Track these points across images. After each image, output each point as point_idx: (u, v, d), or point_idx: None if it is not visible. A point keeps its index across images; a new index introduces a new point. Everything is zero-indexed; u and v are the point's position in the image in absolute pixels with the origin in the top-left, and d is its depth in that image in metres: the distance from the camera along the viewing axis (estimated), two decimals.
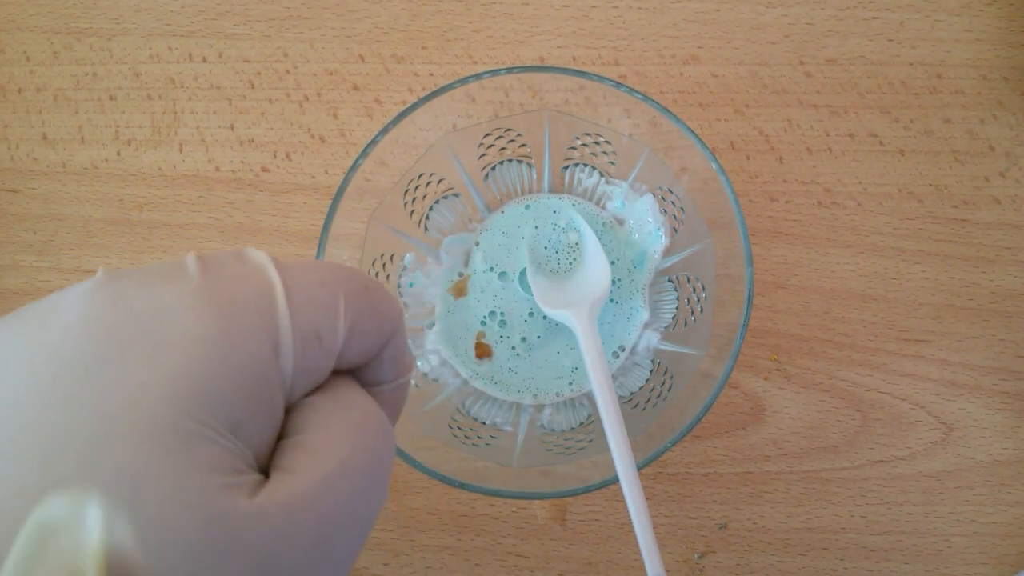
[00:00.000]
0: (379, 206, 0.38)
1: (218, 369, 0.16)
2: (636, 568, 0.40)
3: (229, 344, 0.16)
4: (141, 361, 0.15)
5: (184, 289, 0.16)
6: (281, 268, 0.18)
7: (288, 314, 0.17)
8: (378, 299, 0.19)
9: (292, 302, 0.17)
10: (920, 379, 0.41)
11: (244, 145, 0.45)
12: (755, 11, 0.45)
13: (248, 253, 0.18)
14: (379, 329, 0.19)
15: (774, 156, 0.44)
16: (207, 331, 0.16)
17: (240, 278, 0.17)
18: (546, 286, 0.39)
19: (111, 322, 0.16)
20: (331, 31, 0.46)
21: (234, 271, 0.17)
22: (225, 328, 0.16)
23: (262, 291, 0.17)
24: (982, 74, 0.44)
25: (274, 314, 0.17)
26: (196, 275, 0.17)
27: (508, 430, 0.38)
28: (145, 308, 0.16)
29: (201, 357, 0.16)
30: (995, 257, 0.42)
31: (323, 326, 0.18)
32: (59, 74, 0.46)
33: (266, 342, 0.16)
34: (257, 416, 0.17)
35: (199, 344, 0.16)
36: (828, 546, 0.40)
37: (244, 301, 0.17)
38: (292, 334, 0.17)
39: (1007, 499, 0.40)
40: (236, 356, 0.16)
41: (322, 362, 0.18)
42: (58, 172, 0.45)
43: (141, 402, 0.15)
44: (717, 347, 0.35)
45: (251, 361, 0.16)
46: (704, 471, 0.41)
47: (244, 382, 0.16)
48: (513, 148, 0.41)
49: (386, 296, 0.20)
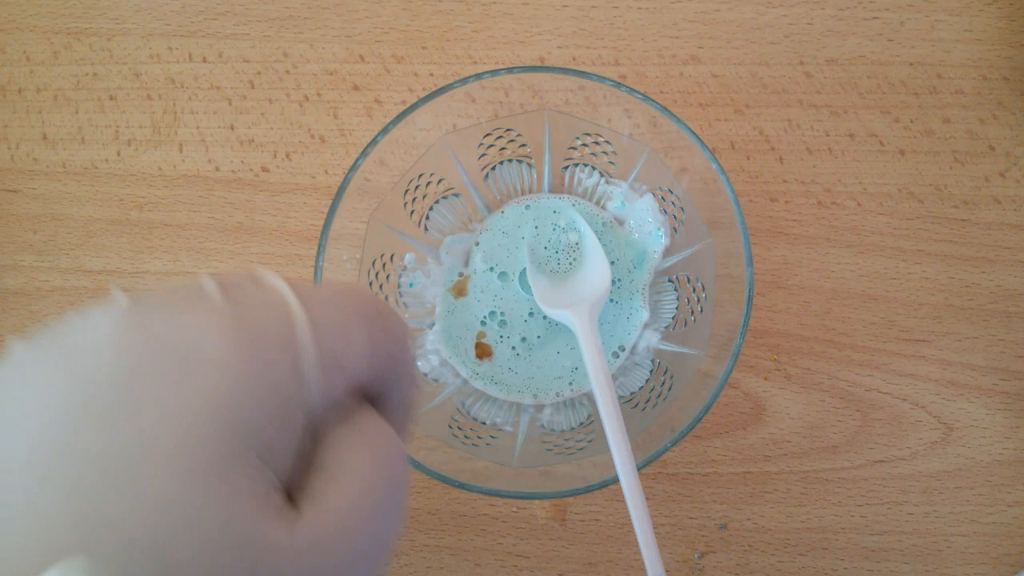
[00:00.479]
0: (379, 206, 0.38)
1: (248, 396, 0.16)
2: (636, 568, 0.40)
3: (257, 372, 0.16)
4: (173, 388, 0.15)
5: (210, 318, 0.16)
6: (300, 294, 0.18)
7: (312, 342, 0.17)
8: (390, 322, 0.20)
9: (312, 326, 0.17)
10: (920, 379, 0.41)
11: (244, 145, 0.45)
12: (755, 11, 0.45)
13: (264, 277, 0.18)
14: (391, 351, 0.20)
15: (774, 156, 0.44)
16: (235, 359, 0.16)
17: (262, 305, 0.17)
18: (546, 286, 0.39)
19: (140, 349, 0.16)
20: (331, 31, 0.46)
21: (255, 298, 0.17)
22: (253, 356, 0.16)
23: (284, 319, 0.17)
24: (982, 74, 0.44)
25: (296, 342, 0.17)
26: (219, 302, 0.17)
27: (508, 430, 0.38)
28: (172, 337, 0.16)
29: (231, 384, 0.16)
30: (995, 257, 0.42)
31: (342, 351, 0.18)
32: (59, 74, 0.46)
33: (291, 368, 0.17)
34: (283, 442, 0.17)
35: (228, 372, 0.16)
36: (828, 546, 0.40)
37: (268, 329, 0.17)
38: (315, 361, 0.17)
39: (1007, 499, 0.40)
40: (264, 383, 0.16)
41: (341, 385, 0.18)
42: (58, 172, 0.45)
43: (177, 427, 0.15)
44: (717, 347, 0.35)
45: (278, 388, 0.16)
46: (704, 471, 0.41)
47: (272, 409, 0.16)
48: (513, 148, 0.41)
49: (396, 318, 0.20)
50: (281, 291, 0.18)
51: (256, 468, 0.16)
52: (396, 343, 0.20)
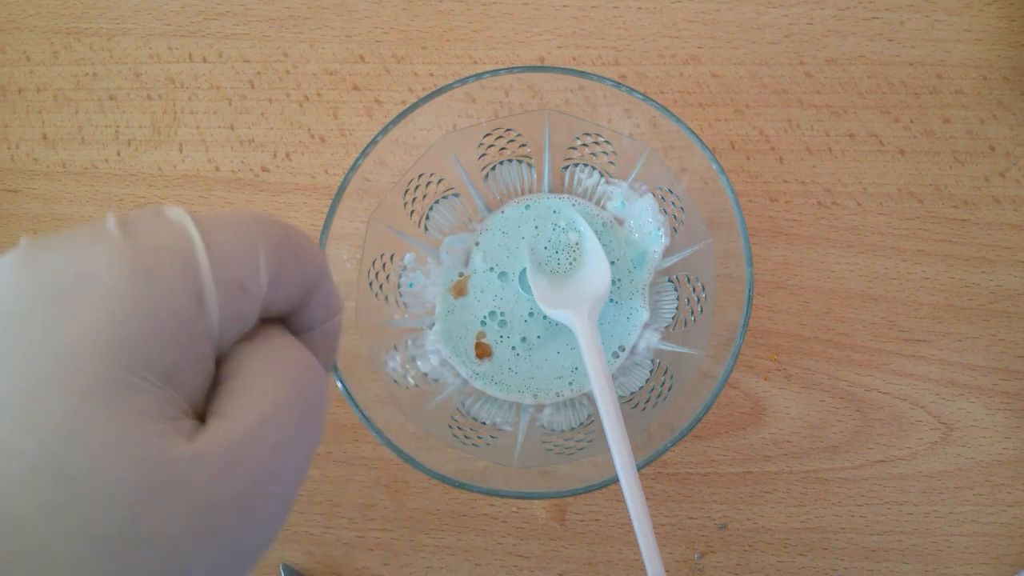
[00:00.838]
0: (379, 206, 0.38)
1: (144, 322, 0.16)
2: (636, 568, 0.40)
3: (152, 298, 0.16)
4: (67, 319, 0.16)
5: (105, 250, 0.17)
6: (200, 223, 0.18)
7: (209, 266, 0.17)
8: (299, 246, 0.20)
9: (212, 255, 0.18)
10: (920, 379, 0.41)
11: (244, 145, 0.45)
12: (755, 11, 0.45)
13: (167, 210, 0.19)
14: (302, 275, 0.20)
15: (774, 156, 0.44)
16: (129, 287, 0.16)
17: (159, 235, 0.18)
18: (546, 286, 0.39)
19: (34, 284, 0.16)
20: (331, 31, 0.46)
21: (153, 229, 0.18)
22: (147, 283, 0.17)
23: (182, 246, 0.17)
24: (982, 74, 0.44)
25: (195, 267, 0.17)
26: (117, 235, 0.17)
27: (508, 430, 0.38)
28: (67, 269, 0.16)
29: (126, 311, 0.16)
30: (995, 257, 0.42)
31: (245, 275, 0.18)
32: (59, 74, 0.46)
33: (189, 294, 0.17)
34: (187, 365, 0.17)
35: (123, 300, 0.16)
36: (828, 546, 0.40)
37: (165, 257, 0.17)
38: (215, 285, 0.17)
39: (1007, 499, 0.40)
40: (160, 309, 0.17)
41: (247, 310, 0.18)
42: (58, 172, 0.45)
43: (71, 357, 0.15)
44: (717, 347, 0.35)
45: (176, 313, 0.17)
46: (704, 471, 0.41)
47: (171, 333, 0.17)
48: (513, 148, 0.41)
49: (307, 243, 0.20)
50: (182, 222, 0.18)
51: (154, 389, 0.16)
52: (307, 266, 0.20)
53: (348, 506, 0.41)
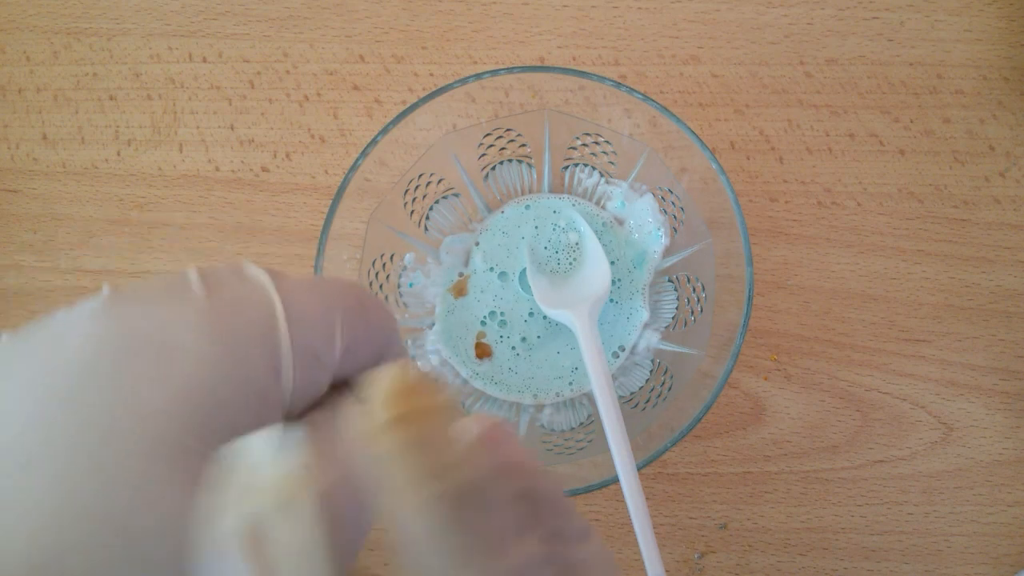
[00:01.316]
0: (379, 206, 0.38)
1: (221, 389, 0.16)
2: (636, 568, 0.40)
3: (232, 364, 0.16)
4: (148, 379, 0.16)
5: (188, 310, 0.17)
6: (281, 287, 0.18)
7: (288, 335, 0.17)
8: (373, 313, 0.20)
9: (291, 323, 0.18)
10: (920, 379, 0.41)
11: (244, 145, 0.45)
12: (755, 11, 0.45)
13: (248, 270, 0.19)
14: (374, 342, 0.20)
15: (774, 156, 0.44)
16: (211, 352, 0.16)
17: (242, 298, 0.18)
18: (546, 286, 0.39)
19: (118, 341, 0.16)
20: (331, 31, 0.46)
21: (236, 290, 0.18)
22: (228, 349, 0.17)
23: (263, 312, 0.17)
24: (982, 74, 0.44)
25: (275, 335, 0.17)
26: (200, 295, 0.17)
27: None
28: (151, 328, 0.16)
29: (205, 377, 0.16)
30: (995, 257, 0.42)
31: (320, 345, 0.18)
32: (59, 74, 0.46)
33: (267, 362, 0.17)
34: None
35: (203, 364, 0.16)
36: (828, 546, 0.40)
37: (246, 322, 0.17)
38: (291, 355, 0.17)
39: (1007, 499, 0.40)
40: (238, 376, 0.17)
41: (320, 380, 0.18)
42: (58, 172, 0.45)
43: (148, 419, 0.15)
44: (717, 347, 0.35)
45: (252, 381, 0.17)
46: (704, 471, 0.41)
47: (246, 401, 0.17)
48: (513, 148, 0.41)
49: (380, 308, 0.20)
50: (263, 284, 0.18)
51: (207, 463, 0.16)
52: (381, 335, 0.20)
53: None
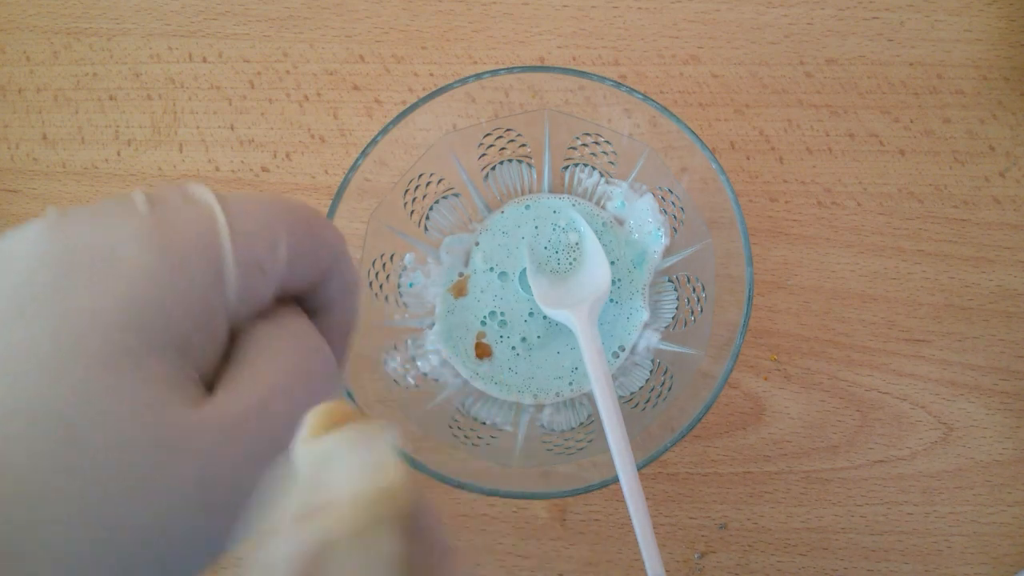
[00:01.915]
0: (379, 206, 0.38)
1: (165, 296, 0.17)
2: (636, 568, 0.40)
3: (174, 273, 0.17)
4: (93, 289, 0.16)
5: (133, 225, 0.17)
6: (224, 203, 0.19)
7: (231, 245, 0.18)
8: (317, 228, 0.20)
9: (234, 235, 0.18)
10: (920, 379, 0.41)
11: (244, 145, 0.45)
12: (755, 11, 0.45)
13: (193, 189, 0.19)
14: (320, 256, 0.20)
15: (774, 156, 0.44)
16: (155, 262, 0.17)
17: (185, 213, 0.18)
18: (546, 286, 0.39)
19: (60, 252, 0.17)
20: (331, 31, 0.46)
21: (180, 207, 0.18)
22: (170, 259, 0.17)
23: (206, 225, 0.18)
24: (982, 74, 0.44)
25: (217, 246, 0.18)
26: (145, 211, 0.18)
27: (508, 430, 0.38)
28: (96, 243, 0.17)
29: (149, 285, 0.17)
30: (995, 257, 0.42)
31: (264, 256, 0.19)
32: (59, 74, 0.46)
33: (210, 271, 0.18)
34: (201, 338, 0.18)
35: (145, 273, 0.17)
36: (828, 546, 0.40)
37: (189, 234, 0.18)
38: (235, 264, 0.18)
39: (1007, 499, 0.40)
40: (181, 284, 0.17)
41: (264, 289, 0.19)
42: (58, 172, 0.45)
43: (94, 326, 0.16)
44: (717, 347, 0.35)
45: (195, 288, 0.17)
46: (704, 471, 0.41)
47: (189, 308, 0.17)
48: (513, 148, 0.41)
49: (326, 225, 0.21)
50: (206, 200, 0.19)
51: (169, 358, 0.17)
52: (325, 248, 0.21)
53: None
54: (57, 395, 0.15)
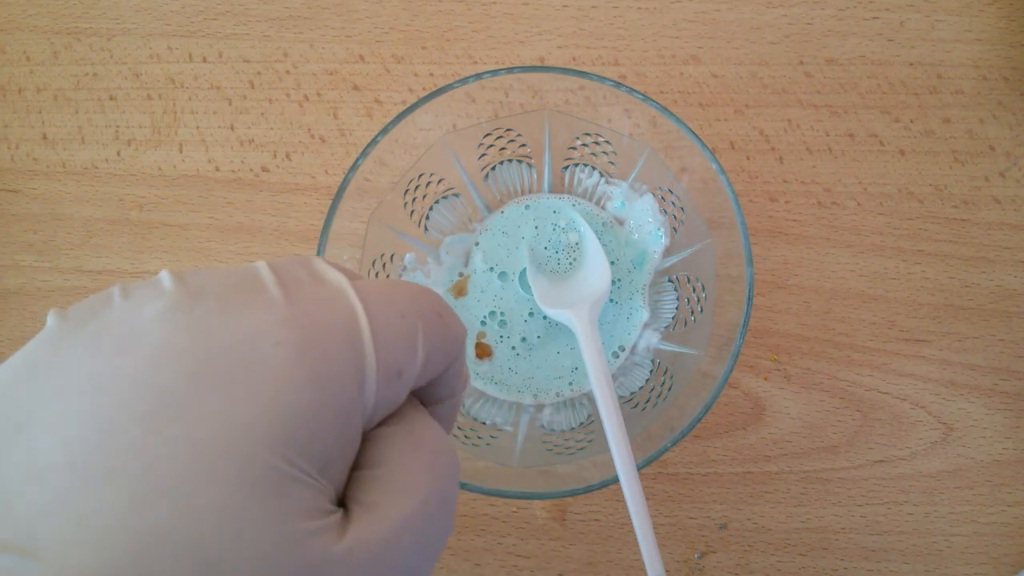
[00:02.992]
0: (379, 206, 0.38)
1: (308, 409, 0.15)
2: (636, 568, 0.40)
3: (319, 383, 0.16)
4: (233, 398, 0.15)
5: (269, 318, 0.16)
6: (362, 295, 0.17)
7: (374, 351, 0.17)
8: (449, 324, 0.19)
9: (376, 337, 0.17)
10: (920, 379, 0.41)
11: (244, 145, 0.45)
12: (755, 11, 0.45)
13: (323, 272, 0.18)
14: (448, 354, 0.19)
15: (774, 156, 0.44)
16: (297, 369, 0.15)
17: (324, 306, 0.17)
18: (546, 286, 0.39)
19: (194, 349, 0.15)
20: (331, 31, 0.46)
21: (315, 296, 0.17)
22: (315, 366, 0.16)
23: (348, 324, 0.17)
24: (982, 74, 0.44)
25: (360, 350, 0.17)
26: (278, 299, 0.16)
27: (508, 430, 0.38)
28: (229, 336, 0.15)
29: (290, 394, 0.15)
30: (995, 257, 0.42)
31: (403, 360, 0.17)
32: (59, 74, 0.46)
33: (352, 378, 0.16)
34: (340, 452, 0.16)
35: (290, 382, 0.15)
36: (828, 546, 0.40)
37: (331, 334, 0.16)
38: (376, 370, 0.17)
39: (1007, 499, 0.40)
40: (325, 394, 0.16)
41: (400, 393, 0.18)
42: (58, 172, 0.45)
43: (234, 441, 0.14)
44: (717, 347, 0.35)
45: (339, 399, 0.16)
46: (704, 471, 0.41)
47: (332, 421, 0.16)
48: (513, 148, 0.41)
49: (454, 319, 0.20)
50: (342, 289, 0.17)
51: (311, 479, 0.15)
52: (454, 345, 0.19)
53: None
54: (194, 524, 0.14)
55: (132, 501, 0.14)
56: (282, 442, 0.15)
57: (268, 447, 0.15)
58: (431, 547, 0.18)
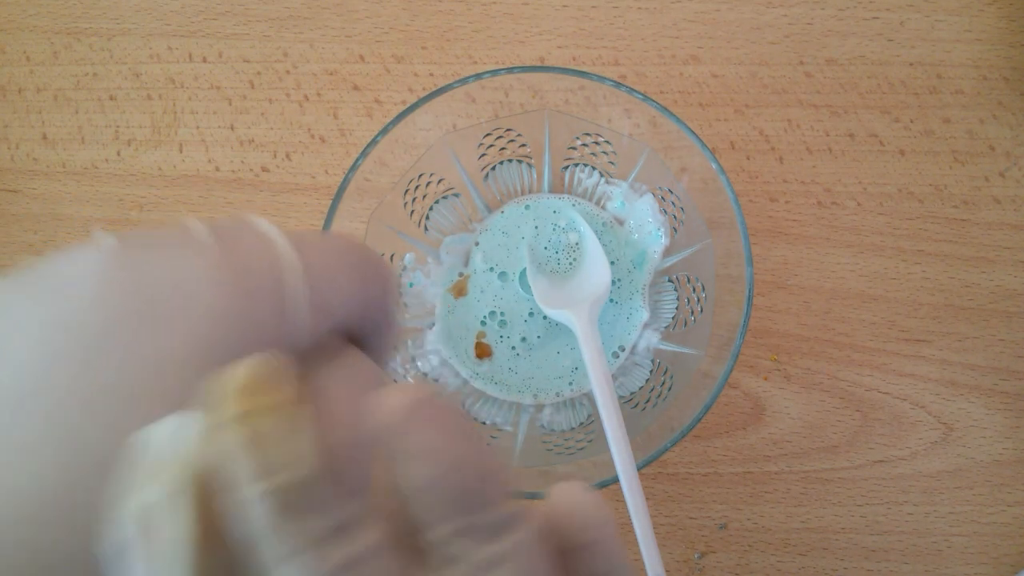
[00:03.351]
0: (379, 206, 0.38)
1: (231, 341, 0.16)
2: (636, 568, 0.40)
3: (243, 317, 0.17)
4: (156, 330, 0.16)
5: (197, 260, 0.17)
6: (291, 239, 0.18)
7: (302, 287, 0.18)
8: (378, 269, 0.20)
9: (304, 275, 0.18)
10: (920, 379, 0.41)
11: (244, 145, 0.45)
12: (755, 11, 0.45)
13: (255, 222, 0.19)
14: (377, 297, 0.20)
15: (774, 156, 0.44)
16: (221, 303, 0.16)
17: (252, 249, 0.18)
18: (546, 286, 0.39)
19: (123, 289, 0.16)
20: (331, 31, 0.46)
21: (245, 241, 0.18)
22: (239, 301, 0.17)
23: (274, 263, 0.17)
24: (982, 74, 0.44)
25: (286, 287, 0.17)
26: (212, 246, 0.17)
27: (508, 430, 0.38)
28: (158, 277, 0.16)
29: (214, 329, 0.16)
30: (995, 257, 0.42)
31: (330, 296, 0.18)
32: (59, 74, 0.46)
33: (278, 314, 0.17)
34: None
35: (213, 316, 0.16)
36: (828, 546, 0.40)
37: (257, 274, 0.17)
38: (304, 306, 0.18)
39: (1007, 499, 0.40)
40: (249, 329, 0.17)
41: (324, 330, 0.19)
42: (58, 172, 0.45)
43: (157, 369, 0.15)
44: (717, 347, 0.35)
45: (263, 333, 0.17)
46: (704, 471, 0.41)
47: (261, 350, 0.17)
48: (513, 148, 0.41)
49: (384, 265, 0.21)
50: (271, 236, 0.18)
51: None
52: (383, 290, 0.20)
53: None
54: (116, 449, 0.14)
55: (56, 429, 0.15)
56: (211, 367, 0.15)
57: (186, 379, 0.15)
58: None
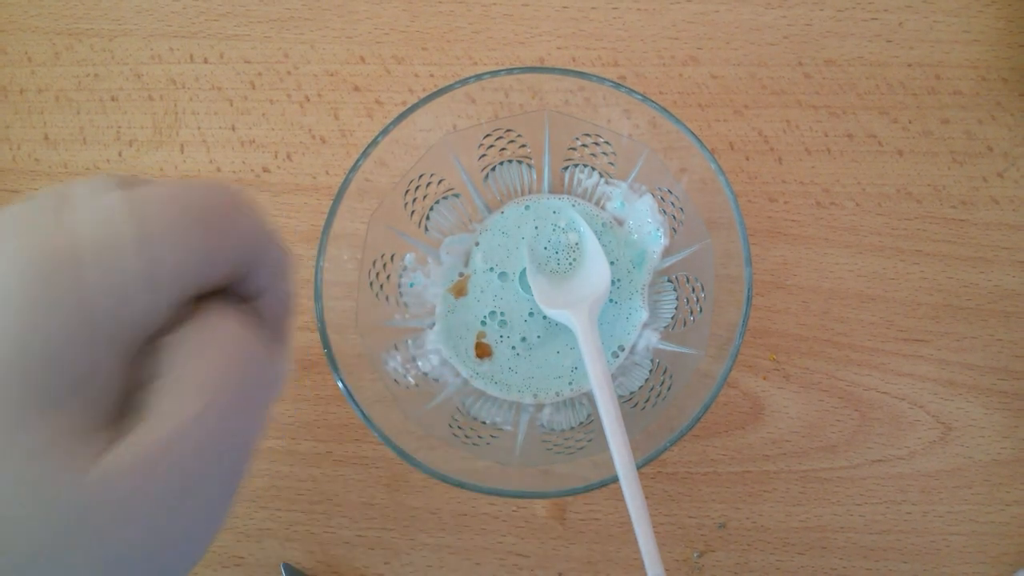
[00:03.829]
0: (379, 206, 0.38)
1: (50, 331, 0.15)
2: (636, 567, 0.40)
3: (67, 302, 0.15)
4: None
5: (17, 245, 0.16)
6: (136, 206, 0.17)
7: (136, 264, 0.16)
8: (232, 216, 0.18)
9: (139, 246, 0.16)
10: (919, 379, 0.41)
11: (245, 146, 0.45)
12: (754, 12, 0.45)
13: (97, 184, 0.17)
14: (238, 247, 0.18)
15: (773, 157, 0.44)
16: (39, 292, 0.15)
17: (87, 225, 0.16)
18: (546, 286, 0.39)
19: None
20: (332, 32, 0.46)
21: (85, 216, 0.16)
22: (60, 286, 0.15)
23: (106, 239, 0.16)
24: (980, 75, 0.44)
25: (120, 264, 0.16)
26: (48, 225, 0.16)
27: (508, 430, 0.39)
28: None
29: (18, 327, 0.15)
30: (993, 257, 0.42)
31: (173, 264, 0.17)
32: (61, 75, 0.46)
33: (111, 293, 0.16)
34: (104, 367, 0.16)
35: (30, 307, 0.15)
36: (827, 545, 0.40)
37: (87, 251, 0.16)
38: (141, 280, 0.16)
39: (1005, 498, 0.40)
40: (74, 314, 0.15)
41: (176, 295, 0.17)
42: (60, 173, 0.45)
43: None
44: (716, 347, 0.35)
45: (94, 316, 0.15)
46: (704, 471, 0.41)
47: (76, 336, 0.15)
48: (513, 148, 0.41)
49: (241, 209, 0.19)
50: (112, 205, 0.17)
51: (49, 414, 0.15)
52: (246, 237, 0.19)
53: (349, 506, 0.41)
54: None
55: None
56: (18, 369, 0.15)
57: (19, 387, 0.14)
58: (222, 451, 0.17)
